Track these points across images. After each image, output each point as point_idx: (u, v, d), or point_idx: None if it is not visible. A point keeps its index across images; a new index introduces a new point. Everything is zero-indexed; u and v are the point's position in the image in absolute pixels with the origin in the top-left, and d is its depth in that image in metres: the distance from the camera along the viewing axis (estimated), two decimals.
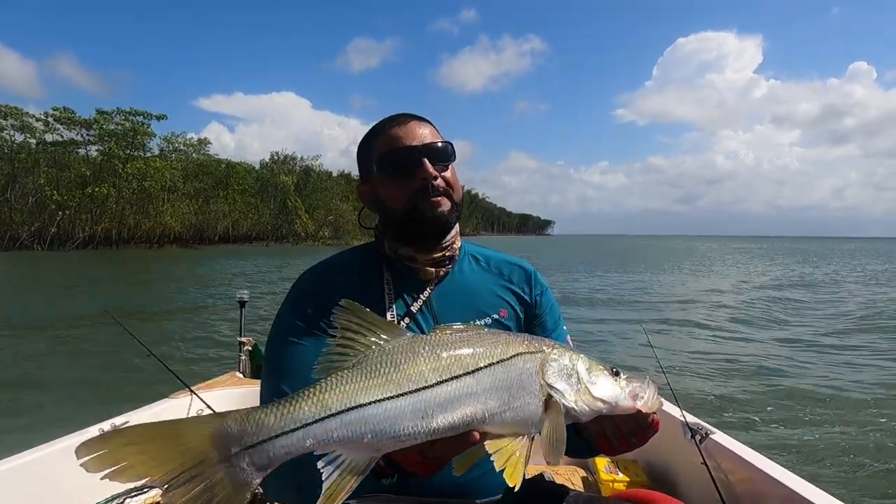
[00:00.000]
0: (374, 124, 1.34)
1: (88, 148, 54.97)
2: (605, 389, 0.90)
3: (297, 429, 0.77)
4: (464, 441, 0.83)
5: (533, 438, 0.86)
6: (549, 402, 0.85)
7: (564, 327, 1.42)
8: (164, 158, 61.71)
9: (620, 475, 2.29)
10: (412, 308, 1.25)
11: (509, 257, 1.42)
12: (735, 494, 1.82)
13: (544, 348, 0.90)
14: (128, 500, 2.00)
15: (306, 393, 0.80)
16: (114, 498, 1.98)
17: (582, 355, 0.93)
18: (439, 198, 1.23)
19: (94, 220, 54.28)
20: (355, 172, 1.42)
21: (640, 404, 0.92)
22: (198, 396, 2.43)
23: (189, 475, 0.75)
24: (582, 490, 2.27)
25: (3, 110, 50.72)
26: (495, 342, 0.88)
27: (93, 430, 2.06)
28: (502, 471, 0.81)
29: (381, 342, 0.85)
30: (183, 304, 15.69)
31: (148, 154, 59.82)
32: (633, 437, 1.02)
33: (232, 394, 2.62)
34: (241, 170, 74.32)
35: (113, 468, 0.71)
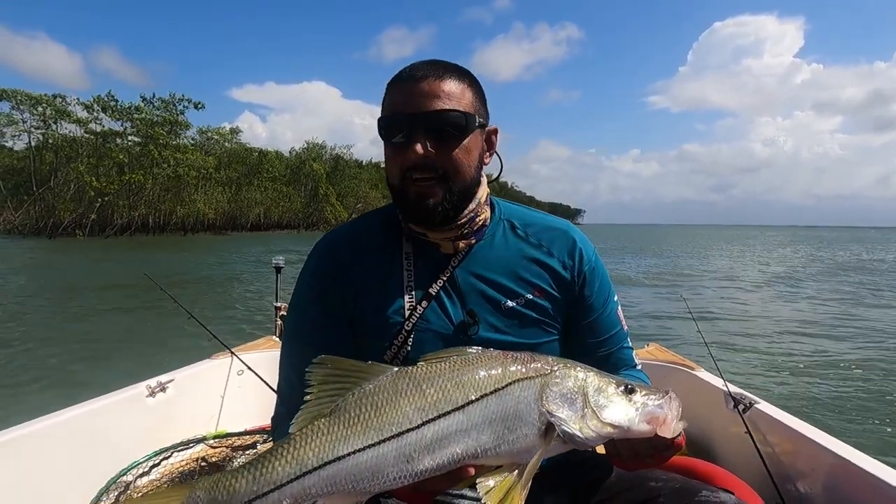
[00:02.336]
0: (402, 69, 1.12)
1: (126, 137, 56.24)
2: (617, 413, 0.81)
3: (272, 491, 0.74)
4: (457, 477, 0.78)
5: (533, 471, 0.80)
6: (547, 430, 0.79)
7: (615, 299, 1.24)
8: (199, 148, 62.85)
9: None
10: (431, 290, 1.11)
11: (552, 221, 1.23)
12: (781, 464, 1.78)
13: (546, 370, 0.82)
14: (174, 454, 2.05)
15: (280, 450, 0.76)
16: (160, 452, 2.04)
17: (592, 374, 0.84)
18: (426, 184, 1.05)
19: (132, 206, 55.67)
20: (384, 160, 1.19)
21: (658, 429, 0.81)
22: (237, 357, 2.49)
23: None
24: None
25: (46, 100, 52.16)
26: (490, 369, 0.80)
27: (140, 387, 2.13)
28: None
29: (360, 383, 0.79)
30: (222, 273, 16.23)
31: (186, 142, 61.00)
32: (651, 458, 0.91)
33: (270, 356, 2.66)
34: (273, 157, 75.18)
35: None
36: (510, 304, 1.11)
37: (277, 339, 3.05)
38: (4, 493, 1.64)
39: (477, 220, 1.14)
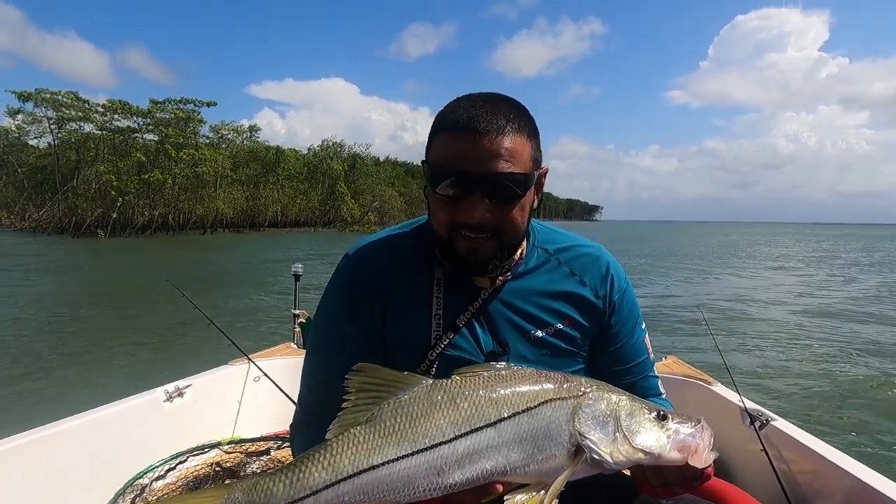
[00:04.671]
0: (452, 102, 1.06)
1: (145, 136, 57.00)
2: (649, 439, 0.81)
3: (308, 496, 0.75)
4: (484, 492, 0.79)
5: (559, 488, 0.81)
6: (577, 452, 0.79)
7: (643, 326, 1.23)
8: (213, 146, 63.50)
9: None
10: (459, 322, 1.09)
11: (585, 247, 1.20)
12: (797, 483, 1.75)
13: (579, 391, 0.82)
14: (190, 458, 2.08)
15: (317, 456, 0.77)
16: (176, 456, 2.07)
17: (624, 398, 0.84)
18: (479, 240, 1.01)
19: (152, 206, 56.49)
20: (402, 157, 1.21)
21: (690, 458, 0.82)
22: (255, 364, 2.51)
23: None
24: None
25: (64, 99, 53.04)
26: (523, 387, 0.81)
27: (158, 392, 2.16)
28: None
29: (396, 393, 0.81)
30: (240, 281, 16.37)
31: (201, 140, 61.63)
32: (679, 486, 0.91)
33: (286, 363, 2.69)
34: (290, 155, 75.71)
35: None
36: (539, 334, 1.10)
37: (295, 346, 3.07)
38: (24, 495, 1.67)
39: (514, 257, 1.12)
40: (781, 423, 1.93)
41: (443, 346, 1.08)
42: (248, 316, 10.56)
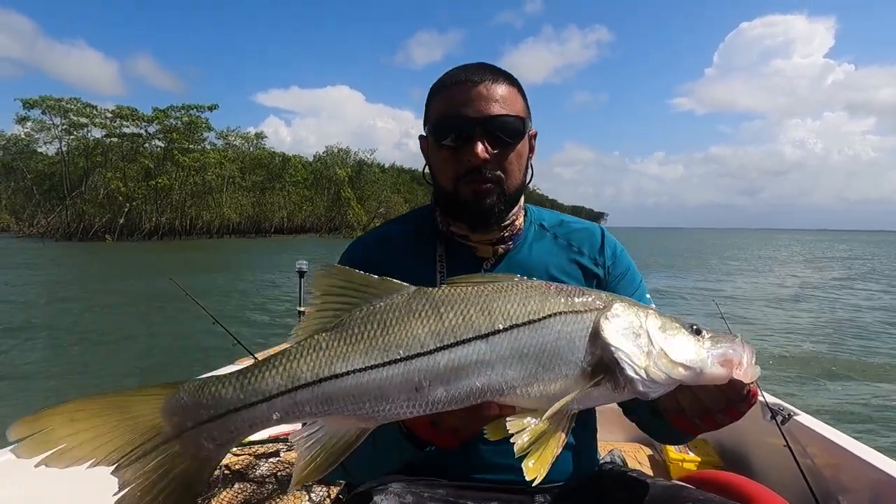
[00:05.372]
0: (449, 70, 1.14)
1: (152, 142, 57.49)
2: (687, 352, 0.71)
3: (261, 402, 0.68)
4: (478, 414, 0.70)
5: (573, 416, 0.70)
6: (594, 372, 0.70)
7: (647, 296, 1.22)
8: (221, 153, 63.94)
9: (691, 454, 2.18)
10: None
11: (579, 223, 1.25)
12: (822, 479, 1.70)
13: (600, 304, 0.73)
14: None
15: (274, 361, 0.70)
16: None
17: (652, 311, 0.75)
18: (485, 185, 1.06)
19: (159, 211, 56.87)
20: (408, 164, 1.26)
21: (734, 372, 0.72)
22: None
23: (141, 451, 0.68)
24: (649, 470, 2.19)
25: (69, 105, 53.53)
26: (526, 299, 0.72)
27: None
28: (524, 456, 0.66)
29: (371, 301, 0.72)
30: (245, 281, 16.47)
31: (208, 146, 62.08)
32: (722, 413, 0.80)
33: None
34: (296, 162, 76.10)
35: (50, 452, 0.63)
36: None
37: None
38: (35, 495, 1.65)
39: (516, 223, 1.15)
40: (804, 418, 1.88)
41: None
42: (254, 315, 10.58)
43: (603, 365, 0.69)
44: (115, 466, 0.66)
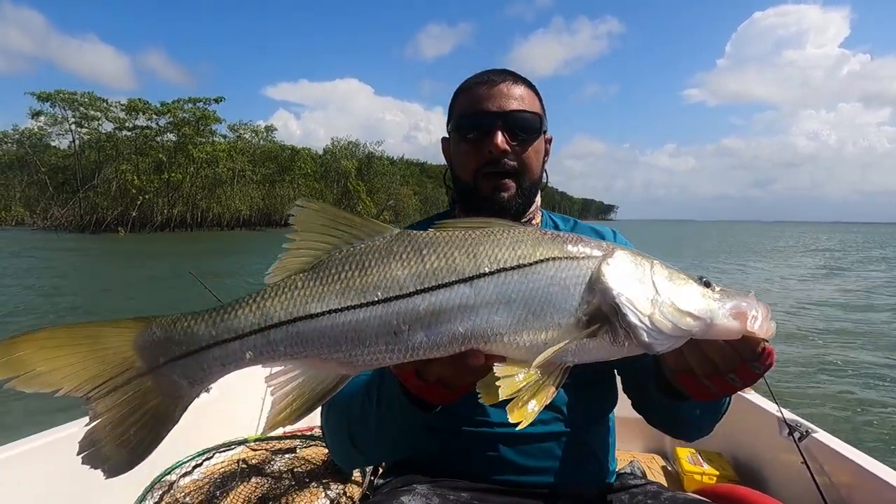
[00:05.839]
0: (472, 75, 1.24)
1: (163, 136, 57.69)
2: (697, 301, 0.66)
3: (233, 339, 0.67)
4: (464, 363, 0.67)
5: (567, 369, 0.67)
6: (589, 322, 0.66)
7: None
8: (232, 146, 64.13)
9: (706, 467, 2.16)
10: None
11: (596, 226, 1.30)
12: (840, 498, 1.68)
13: (598, 253, 0.69)
14: (217, 455, 2.07)
15: (248, 299, 0.68)
16: (203, 452, 2.06)
17: (657, 260, 0.71)
18: (503, 180, 1.10)
19: (171, 204, 57.27)
20: (417, 157, 1.32)
21: (748, 325, 0.66)
22: None
23: (112, 385, 0.67)
24: (664, 481, 2.18)
25: (80, 99, 53.86)
26: (517, 243, 0.68)
27: None
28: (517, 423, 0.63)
29: (352, 241, 0.70)
30: (261, 275, 16.51)
31: (217, 139, 62.21)
32: (734, 373, 0.73)
33: None
34: (305, 155, 76.24)
35: (21, 374, 0.63)
36: None
37: None
38: (53, 491, 1.67)
39: (533, 222, 1.21)
40: (822, 435, 1.85)
41: None
42: None
43: (601, 314, 0.66)
44: (85, 398, 0.66)
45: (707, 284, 0.69)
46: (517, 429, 0.62)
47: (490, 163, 1.10)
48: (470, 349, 0.66)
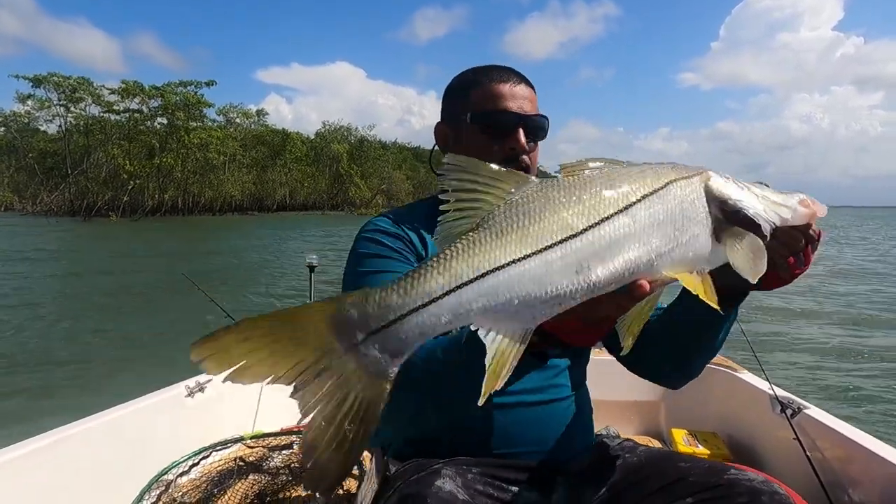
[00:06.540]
0: (474, 67, 1.32)
1: (154, 120, 57.08)
2: (779, 197, 0.81)
3: (429, 303, 0.67)
4: (631, 294, 0.72)
5: (706, 275, 0.76)
6: (719, 229, 0.76)
7: None
8: (223, 130, 63.51)
9: (700, 448, 2.21)
10: None
11: None
12: (833, 472, 1.72)
13: (697, 171, 0.80)
14: (214, 453, 2.08)
15: (430, 264, 0.68)
16: (199, 452, 2.06)
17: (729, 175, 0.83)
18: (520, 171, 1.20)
19: (162, 189, 56.82)
20: (410, 142, 1.36)
21: (814, 208, 0.82)
22: None
23: (315, 370, 0.67)
24: None
25: (73, 84, 53.17)
26: (640, 174, 0.75)
27: (180, 387, 2.16)
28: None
29: (506, 195, 0.72)
30: (253, 268, 16.41)
31: (209, 123, 61.58)
32: (801, 253, 0.89)
33: None
34: (296, 138, 75.69)
35: (232, 369, 0.64)
36: None
37: None
38: (50, 493, 1.68)
39: None
40: (814, 411, 1.89)
41: None
42: (264, 306, 10.57)
43: (721, 220, 0.76)
44: (293, 387, 0.66)
45: (767, 186, 0.83)
46: (622, 353, 0.77)
47: (508, 158, 1.22)
48: (638, 278, 0.71)
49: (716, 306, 0.71)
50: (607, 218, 0.70)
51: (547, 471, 1.17)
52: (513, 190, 0.72)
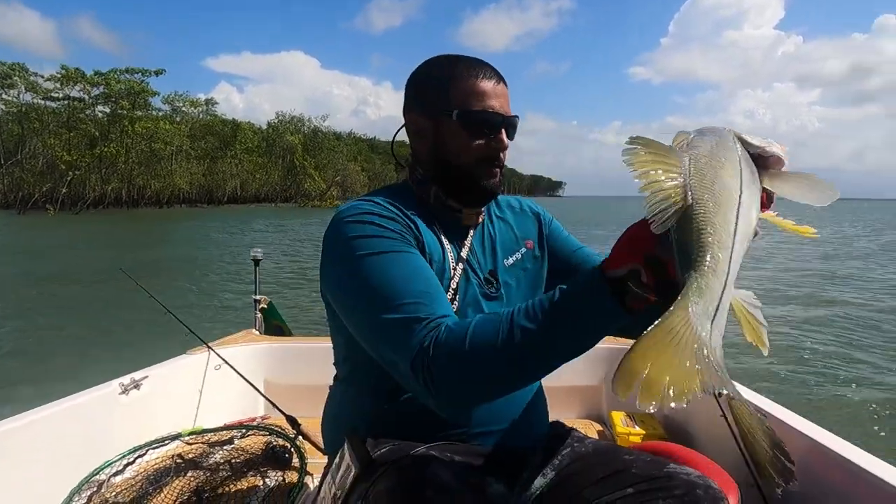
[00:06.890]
0: (448, 56, 1.26)
1: (95, 108, 54.56)
2: (763, 139, 0.91)
3: (726, 280, 0.70)
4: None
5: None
6: (760, 161, 0.87)
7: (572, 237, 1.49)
8: (169, 119, 61.25)
9: (637, 428, 2.30)
10: (462, 254, 1.26)
11: (508, 198, 1.50)
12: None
13: (725, 129, 0.91)
14: (150, 451, 2.03)
15: (705, 241, 0.71)
16: (134, 450, 2.01)
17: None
18: (498, 171, 1.25)
19: (104, 180, 54.43)
20: (366, 133, 1.28)
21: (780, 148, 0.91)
22: (214, 352, 2.45)
23: (706, 377, 0.64)
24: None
25: (7, 69, 50.29)
26: (719, 137, 0.86)
27: (114, 385, 2.09)
28: None
29: (672, 170, 0.76)
30: (197, 263, 15.90)
31: (154, 113, 59.24)
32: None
33: (247, 350, 2.63)
34: (247, 129, 73.79)
35: (661, 395, 0.61)
36: (513, 259, 1.33)
37: (257, 332, 2.99)
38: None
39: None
40: (739, 388, 1.99)
41: (457, 279, 1.22)
42: (206, 302, 10.25)
43: (752, 165, 0.84)
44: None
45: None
46: None
47: (488, 156, 1.23)
48: (755, 222, 0.79)
49: (811, 234, 0.89)
50: (740, 182, 0.78)
51: (512, 457, 1.19)
52: (677, 166, 0.77)
